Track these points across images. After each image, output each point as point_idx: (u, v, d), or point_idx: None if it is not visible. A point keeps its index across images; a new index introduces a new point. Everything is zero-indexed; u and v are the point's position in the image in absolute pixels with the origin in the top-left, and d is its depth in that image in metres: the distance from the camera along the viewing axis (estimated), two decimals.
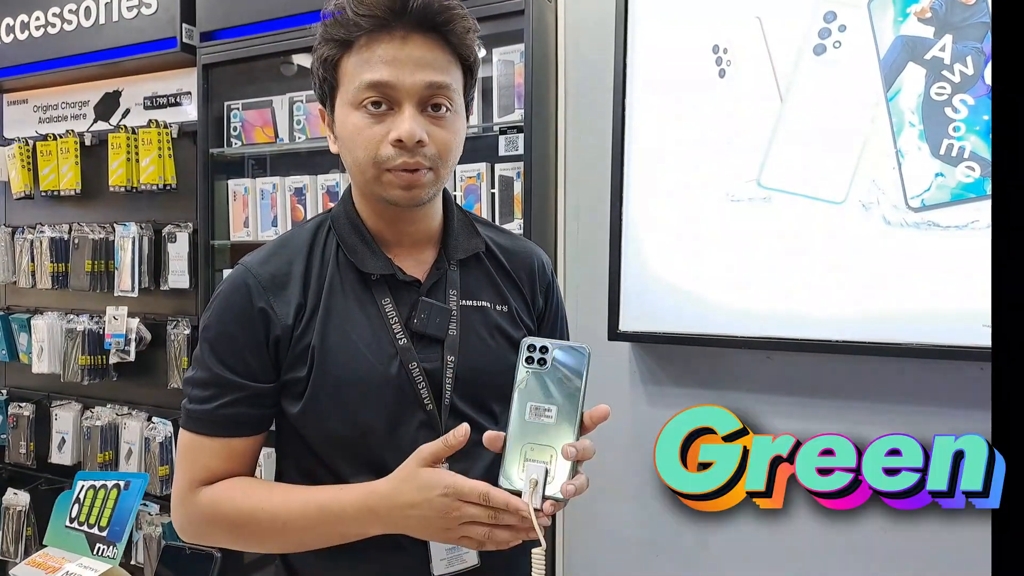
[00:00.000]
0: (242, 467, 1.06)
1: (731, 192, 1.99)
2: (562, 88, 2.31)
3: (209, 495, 1.04)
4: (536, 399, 0.91)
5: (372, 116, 0.99)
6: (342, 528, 0.99)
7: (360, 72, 0.98)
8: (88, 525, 0.99)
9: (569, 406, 0.90)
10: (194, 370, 1.06)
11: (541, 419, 0.90)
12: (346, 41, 0.99)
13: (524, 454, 0.89)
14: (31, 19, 3.11)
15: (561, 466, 0.89)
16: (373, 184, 1.02)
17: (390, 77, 0.97)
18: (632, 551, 2.26)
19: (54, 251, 3.12)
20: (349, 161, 1.04)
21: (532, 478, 0.87)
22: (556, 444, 0.89)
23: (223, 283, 1.08)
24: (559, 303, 1.25)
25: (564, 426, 0.90)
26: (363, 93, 0.98)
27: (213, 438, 1.04)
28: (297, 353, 1.03)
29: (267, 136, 2.72)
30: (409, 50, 0.98)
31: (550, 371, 0.92)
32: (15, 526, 3.25)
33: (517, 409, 0.91)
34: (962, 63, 1.75)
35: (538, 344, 0.92)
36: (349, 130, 1.01)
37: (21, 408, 3.30)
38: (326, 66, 1.02)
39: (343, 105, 1.02)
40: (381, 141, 0.99)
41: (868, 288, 1.85)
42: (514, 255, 1.19)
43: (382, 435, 1.04)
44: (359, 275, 1.06)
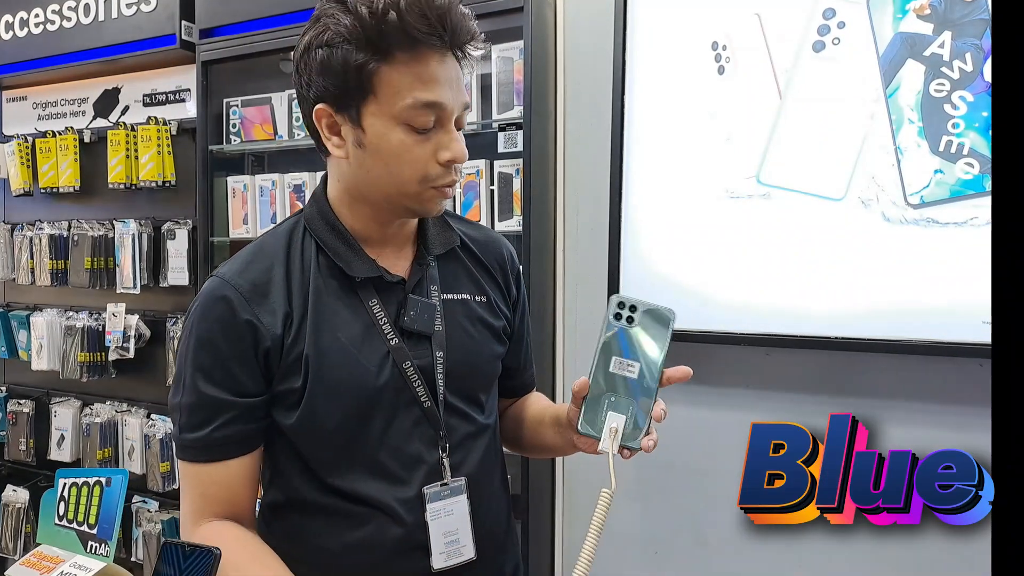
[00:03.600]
0: (244, 491, 1.03)
1: (730, 188, 1.99)
2: (561, 85, 2.31)
3: (207, 535, 1.00)
4: (621, 354, 0.94)
5: (420, 134, 0.97)
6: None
7: (412, 89, 0.95)
8: (77, 523, 0.98)
9: (652, 364, 0.94)
10: (180, 395, 1.01)
11: (625, 373, 0.94)
12: (385, 49, 0.94)
13: (606, 404, 0.93)
14: (30, 16, 3.11)
15: (640, 421, 0.93)
16: (410, 199, 1.02)
17: (445, 99, 0.97)
18: (632, 551, 2.26)
19: (53, 248, 3.12)
20: (380, 173, 1.00)
21: (612, 427, 0.92)
22: (637, 398, 0.93)
23: (199, 298, 1.03)
24: (525, 291, 1.27)
25: (646, 382, 0.94)
26: (418, 113, 0.96)
27: (211, 464, 1.01)
28: (290, 363, 1.01)
29: (266, 133, 2.72)
30: (449, 70, 0.98)
31: (637, 329, 0.95)
32: (14, 523, 3.25)
33: (601, 361, 0.94)
34: (961, 60, 1.75)
35: (628, 302, 0.95)
36: (394, 146, 0.97)
37: (20, 405, 3.30)
38: (357, 71, 0.95)
39: (381, 117, 0.97)
40: (429, 159, 0.99)
41: (867, 284, 1.85)
42: (485, 246, 1.20)
43: (378, 435, 1.03)
44: (343, 278, 1.05)
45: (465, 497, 1.07)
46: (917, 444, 1.90)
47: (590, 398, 0.94)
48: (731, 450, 2.11)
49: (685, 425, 2.16)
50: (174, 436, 1.04)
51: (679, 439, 2.16)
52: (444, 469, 1.06)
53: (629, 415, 0.93)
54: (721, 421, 2.11)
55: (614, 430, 0.92)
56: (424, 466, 1.05)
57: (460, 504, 1.07)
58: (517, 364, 1.26)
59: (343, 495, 1.04)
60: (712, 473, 2.14)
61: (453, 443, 1.08)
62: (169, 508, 2.92)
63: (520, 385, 1.30)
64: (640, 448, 0.93)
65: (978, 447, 1.83)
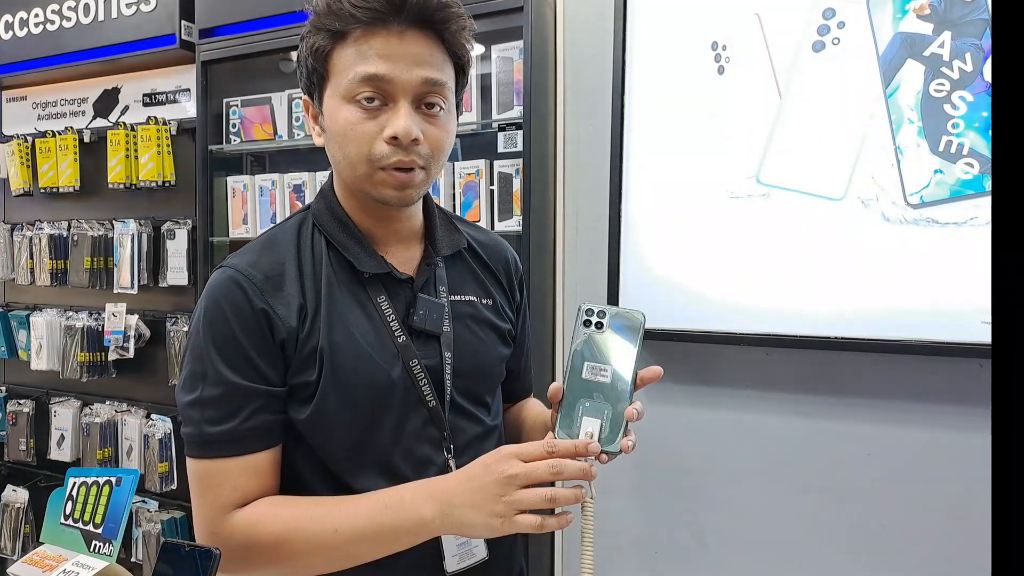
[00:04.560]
0: (273, 484, 1.01)
1: (730, 188, 1.99)
2: (561, 85, 2.31)
3: (244, 518, 0.96)
4: (593, 359, 0.94)
5: (365, 111, 0.96)
6: (397, 521, 0.93)
7: (354, 65, 0.96)
8: (83, 522, 0.98)
9: (624, 367, 0.94)
10: (199, 390, 0.97)
11: (597, 378, 0.93)
12: (340, 32, 0.96)
13: (580, 410, 0.92)
14: (30, 16, 3.11)
15: (616, 424, 0.92)
16: (364, 182, 1.00)
17: (386, 71, 0.95)
18: (632, 551, 2.26)
19: (53, 248, 3.12)
20: (338, 156, 1.01)
21: (588, 431, 0.91)
22: (611, 401, 0.93)
23: (209, 289, 1.01)
24: (527, 296, 1.28)
25: (619, 385, 0.93)
26: (357, 86, 0.96)
27: (239, 457, 0.97)
28: (304, 356, 0.99)
29: (266, 133, 2.72)
30: (406, 46, 0.96)
31: (607, 334, 0.95)
32: (14, 523, 3.25)
33: (574, 367, 0.94)
34: (961, 60, 1.75)
35: (596, 309, 0.95)
36: (340, 124, 0.98)
37: (20, 405, 3.30)
38: (316, 56, 0.99)
39: (334, 97, 0.98)
40: (375, 137, 0.97)
41: (867, 284, 1.85)
42: (491, 249, 1.20)
43: (388, 434, 1.03)
44: (353, 273, 1.04)
45: None
46: (916, 445, 1.90)
47: (565, 404, 0.93)
48: (731, 450, 2.11)
49: (685, 425, 2.16)
50: (190, 435, 0.98)
51: (679, 439, 2.17)
52: (451, 471, 1.05)
53: (604, 419, 0.92)
54: (721, 421, 2.12)
55: (589, 434, 0.91)
56: (433, 468, 1.05)
57: None
58: (518, 368, 1.26)
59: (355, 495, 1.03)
60: (712, 473, 2.14)
61: (461, 445, 1.08)
62: (169, 508, 2.92)
63: (519, 389, 1.30)
64: (618, 451, 0.91)
65: (978, 447, 1.83)
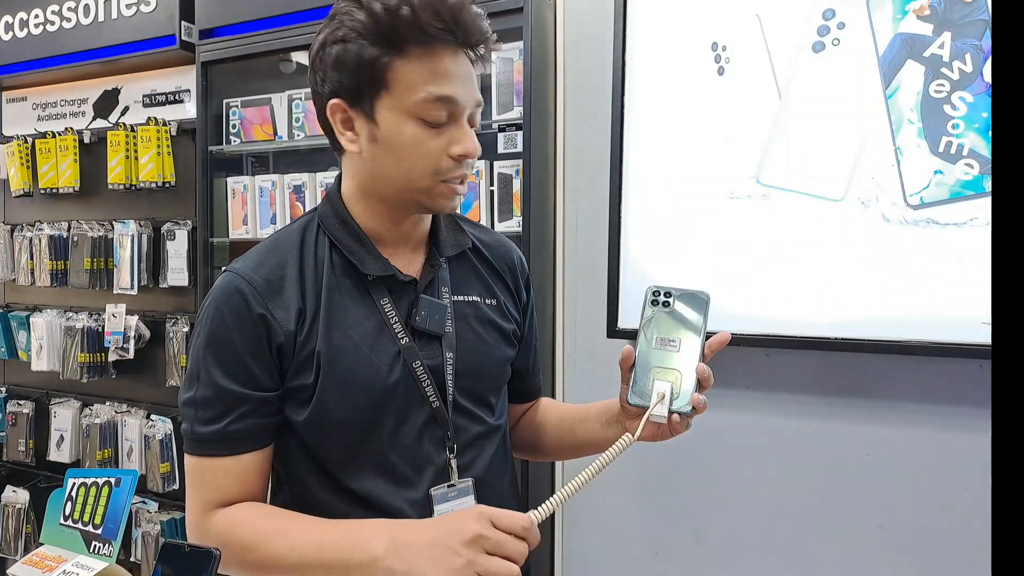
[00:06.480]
0: (257, 484, 1.04)
1: (730, 189, 1.99)
2: (561, 86, 2.31)
3: (225, 517, 1.01)
4: (662, 332, 1.01)
5: (432, 128, 0.99)
6: (350, 553, 0.93)
7: (425, 84, 0.97)
8: (83, 523, 0.98)
9: (692, 338, 1.00)
10: (194, 390, 1.02)
11: (666, 348, 1.00)
12: (397, 44, 0.96)
13: (652, 375, 0.99)
14: (30, 17, 3.11)
15: (687, 386, 0.98)
16: (421, 193, 1.02)
17: (457, 94, 0.98)
18: (632, 551, 2.26)
19: (53, 249, 3.12)
20: (390, 167, 1.02)
21: (660, 392, 0.98)
22: (681, 369, 0.99)
23: (213, 292, 1.04)
24: (534, 297, 1.29)
25: (689, 354, 0.99)
26: (432, 107, 0.98)
27: (226, 457, 1.01)
28: (302, 359, 1.01)
29: (266, 134, 2.72)
30: (463, 66, 1.00)
31: (673, 311, 1.01)
32: (14, 524, 3.25)
33: (645, 339, 1.01)
34: (961, 60, 1.75)
35: (663, 290, 1.02)
36: (407, 139, 0.99)
37: (20, 406, 3.30)
38: (370, 65, 0.97)
39: (395, 111, 0.99)
40: (441, 153, 1.00)
41: (867, 285, 1.85)
42: (495, 249, 1.21)
43: (388, 435, 1.04)
44: (356, 276, 1.06)
45: (472, 499, 1.07)
46: (916, 445, 1.90)
47: (637, 373, 0.99)
48: (731, 450, 2.11)
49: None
50: (186, 431, 1.03)
51: (679, 439, 2.16)
52: (451, 470, 1.06)
53: (676, 381, 0.98)
54: (721, 422, 2.11)
55: (661, 395, 0.97)
56: (432, 467, 1.06)
57: (467, 505, 1.06)
58: (526, 368, 1.27)
59: (352, 497, 1.04)
60: (712, 473, 2.14)
61: (463, 444, 1.08)
62: (169, 508, 2.91)
63: (529, 389, 1.31)
64: (691, 410, 0.97)
65: (978, 447, 1.83)
